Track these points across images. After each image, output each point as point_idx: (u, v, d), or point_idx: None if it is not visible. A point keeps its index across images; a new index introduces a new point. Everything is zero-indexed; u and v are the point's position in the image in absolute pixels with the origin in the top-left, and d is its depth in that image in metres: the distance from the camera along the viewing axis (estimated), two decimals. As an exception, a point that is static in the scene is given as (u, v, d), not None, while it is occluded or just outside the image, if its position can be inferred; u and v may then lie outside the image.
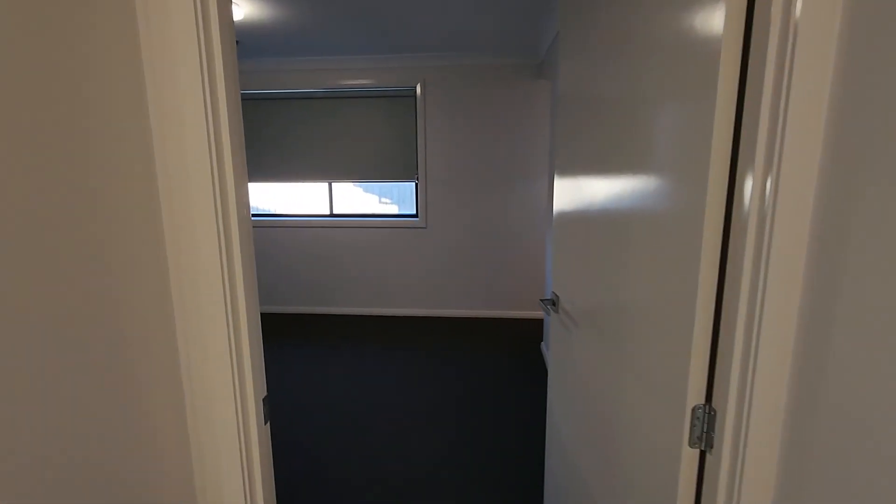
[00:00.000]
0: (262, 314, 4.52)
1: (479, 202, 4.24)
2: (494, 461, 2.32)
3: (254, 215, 4.58)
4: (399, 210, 4.60)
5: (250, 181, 4.41)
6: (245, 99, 4.25)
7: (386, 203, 5.83)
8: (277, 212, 4.66)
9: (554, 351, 1.55)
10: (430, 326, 4.20)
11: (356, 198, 4.75)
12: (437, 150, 4.18)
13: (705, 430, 0.79)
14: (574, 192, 1.32)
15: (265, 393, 0.88)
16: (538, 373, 3.29)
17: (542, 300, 1.51)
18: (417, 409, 2.80)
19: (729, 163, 0.72)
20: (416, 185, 4.33)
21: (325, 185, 4.47)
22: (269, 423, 0.88)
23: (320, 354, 3.60)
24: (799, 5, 0.59)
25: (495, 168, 4.16)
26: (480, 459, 2.34)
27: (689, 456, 0.81)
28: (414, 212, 4.46)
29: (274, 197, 4.71)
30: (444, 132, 4.14)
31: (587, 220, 1.22)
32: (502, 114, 4.06)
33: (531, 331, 4.09)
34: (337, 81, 4.12)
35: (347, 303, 4.56)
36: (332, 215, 4.51)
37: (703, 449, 0.80)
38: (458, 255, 4.36)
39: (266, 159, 4.35)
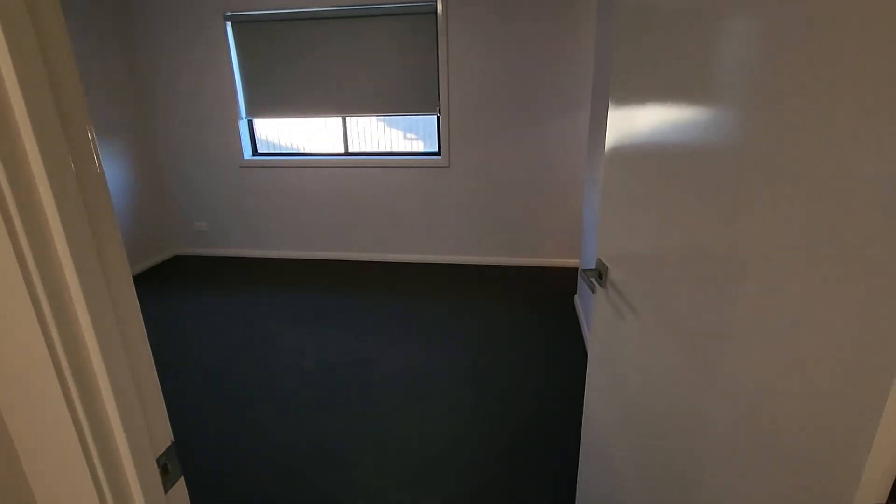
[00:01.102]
0: (268, 259, 4.33)
1: (508, 138, 3.77)
2: (520, 427, 2.08)
3: (261, 154, 4.26)
4: (425, 147, 4.18)
5: (254, 116, 4.05)
6: (241, 22, 3.79)
7: (412, 139, 5.40)
8: (287, 150, 4.32)
9: (597, 333, 1.21)
10: (451, 275, 3.91)
11: (378, 134, 4.34)
12: (461, 78, 3.67)
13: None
14: (640, 123, 0.92)
15: (169, 441, 0.58)
16: (570, 329, 2.98)
17: (584, 270, 1.15)
18: (435, 367, 2.57)
19: None
20: (438, 118, 3.87)
21: (339, 120, 4.07)
22: (179, 483, 0.59)
23: (331, 304, 3.38)
24: None
25: (528, 99, 3.64)
26: (505, 424, 2.10)
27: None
28: (436, 149, 4.03)
29: (283, 134, 4.36)
30: (469, 56, 3.61)
31: (667, 163, 0.83)
32: (537, 34, 3.48)
33: (564, 281, 3.75)
34: (346, -2, 3.60)
35: (362, 248, 4.29)
36: (346, 154, 4.14)
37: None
38: (483, 197, 3.97)
39: (271, 91, 3.95)
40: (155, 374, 0.56)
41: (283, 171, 4.15)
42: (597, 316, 1.20)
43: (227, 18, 3.79)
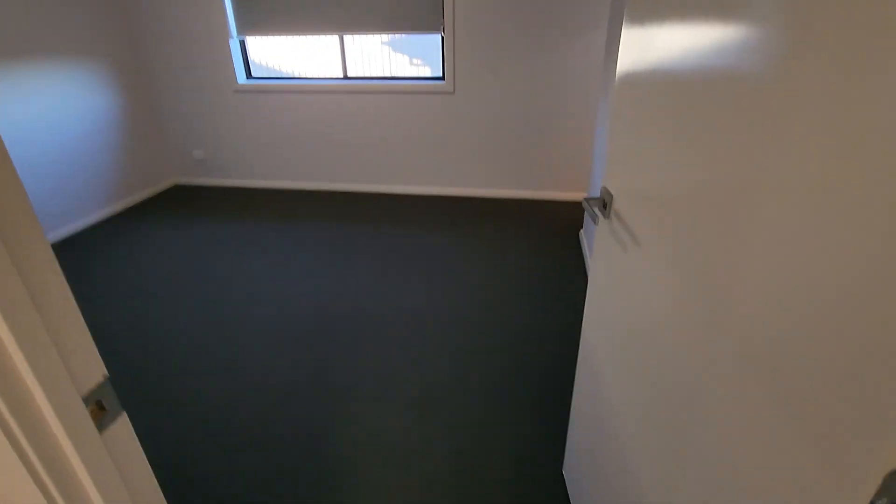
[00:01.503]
0: (267, 189, 4.23)
1: (517, 62, 3.49)
2: (521, 359, 2.07)
3: (255, 78, 4.02)
4: (431, 72, 3.91)
5: (246, 34, 3.78)
6: (230, -75, 3.43)
7: (417, 65, 5.08)
8: (278, 73, 4.08)
9: (597, 264, 1.13)
10: (454, 208, 3.80)
11: (382, 59, 4.06)
12: (468, -8, 3.35)
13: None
14: (656, 45, 0.77)
15: (100, 377, 0.52)
16: (575, 263, 2.91)
17: (586, 199, 1.05)
18: (436, 301, 2.54)
19: None
20: (442, 39, 3.58)
21: (337, 42, 3.79)
22: (120, 419, 0.54)
23: (330, 236, 3.32)
24: None
25: (539, 21, 3.33)
26: (505, 357, 2.09)
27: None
28: (440, 74, 3.78)
29: (279, 57, 4.09)
30: (477, -35, 3.27)
31: (683, 89, 0.70)
32: (552, -64, 3.11)
33: (570, 215, 3.63)
34: None
35: (361, 179, 4.16)
36: (345, 78, 3.90)
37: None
38: (489, 126, 3.76)
39: (263, 6, 3.65)
40: (72, 302, 0.49)
41: (279, 97, 3.94)
42: (598, 247, 1.11)
43: (209, -79, 3.43)
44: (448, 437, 1.73)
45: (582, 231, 3.23)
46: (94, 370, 0.51)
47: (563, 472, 1.57)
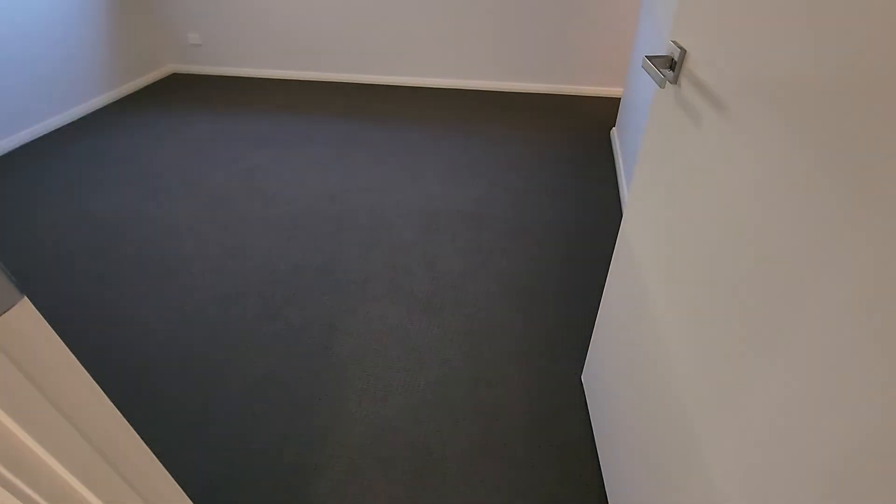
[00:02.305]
0: (267, 80, 3.89)
1: (553, -79, 2.95)
2: (541, 265, 1.94)
3: (254, -55, 3.52)
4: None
5: None
6: None
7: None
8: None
9: (650, 147, 0.92)
10: (473, 102, 3.48)
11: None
12: None
13: None
14: None
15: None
16: (605, 163, 2.66)
17: (649, 57, 0.81)
18: (451, 200, 2.36)
19: None
20: None
21: None
22: (20, 305, 0.40)
23: (337, 130, 3.07)
24: None
25: None
26: (524, 261, 1.96)
27: None
28: (461, -61, 3.24)
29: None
30: None
31: None
32: None
33: (603, 112, 3.29)
34: None
35: (371, 69, 3.79)
36: (352, -55, 3.39)
37: None
38: (513, 9, 3.30)
39: None
40: None
41: (277, -32, 3.47)
42: (654, 123, 0.90)
43: None
44: (463, 336, 1.65)
45: (614, 129, 2.93)
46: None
47: (583, 378, 1.49)
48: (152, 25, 3.89)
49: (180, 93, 3.73)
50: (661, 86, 0.78)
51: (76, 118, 3.31)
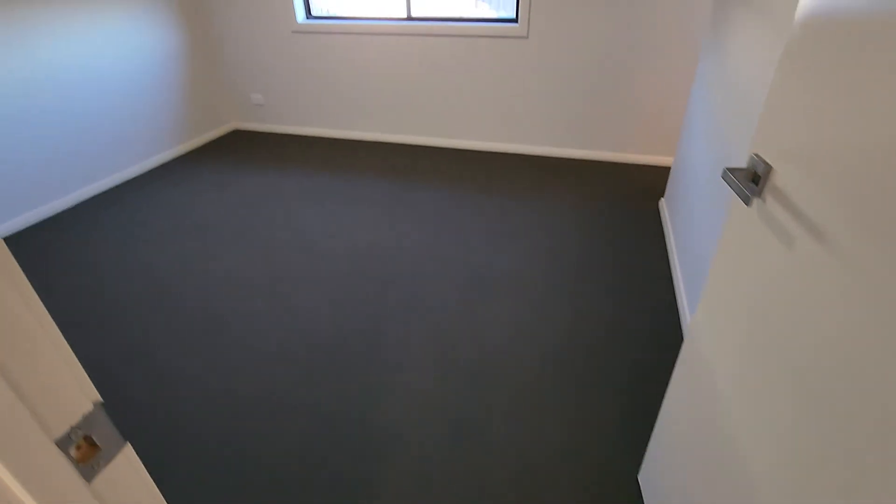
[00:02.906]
0: (324, 138, 4.08)
1: (600, 4, 3.06)
2: (586, 341, 1.87)
3: (315, 17, 3.80)
4: (499, 13, 3.54)
5: (310, -29, 3.53)
6: None
7: (484, 5, 4.68)
8: (339, 14, 3.82)
9: (727, 261, 0.89)
10: (521, 166, 3.52)
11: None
12: (553, -83, 2.92)
13: None
14: None
15: (89, 406, 0.37)
16: (653, 235, 2.61)
17: (730, 170, 0.79)
18: (496, 264, 2.35)
19: None
20: (519, -26, 3.19)
21: (401, -24, 3.47)
22: (122, 455, 0.39)
23: (386, 189, 3.16)
24: None
25: (635, -56, 2.87)
26: (570, 330, 1.90)
27: None
28: (513, 15, 3.40)
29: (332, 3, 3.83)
30: None
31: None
32: None
33: (651, 181, 3.27)
34: None
35: (423, 130, 3.93)
36: (409, 19, 3.61)
37: None
38: (563, 76, 3.39)
39: (326, -62, 3.37)
40: (40, 312, 0.33)
41: (338, 38, 3.72)
42: (734, 235, 0.86)
43: None
44: (509, 417, 1.58)
45: (663, 200, 2.89)
46: (78, 399, 0.36)
47: (640, 478, 1.38)
48: (220, 86, 4.20)
49: (240, 148, 3.96)
50: (747, 203, 0.76)
51: (144, 171, 3.54)
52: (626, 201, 3.00)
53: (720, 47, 2.05)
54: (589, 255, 2.46)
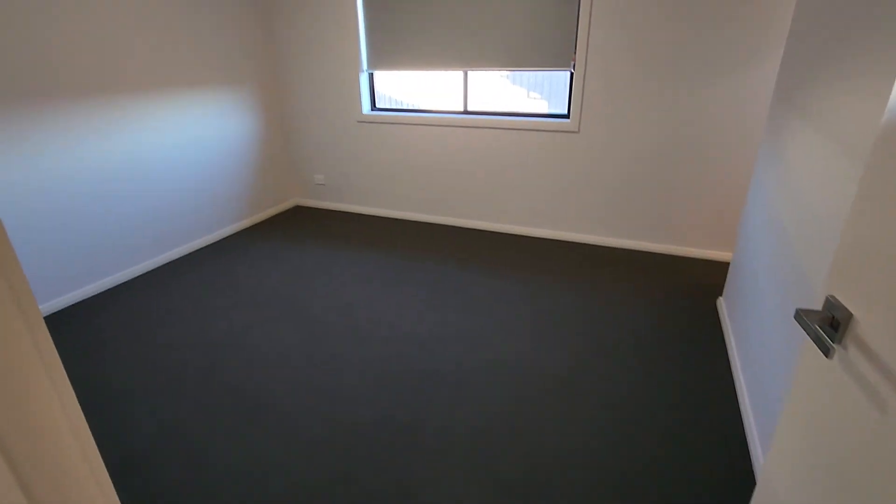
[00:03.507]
0: (381, 217, 4.25)
1: (653, 101, 3.16)
2: (640, 470, 1.73)
3: (379, 109, 4.12)
4: (549, 108, 3.72)
5: (375, 69, 3.90)
6: (373, -34, 3.58)
7: (535, 98, 4.95)
8: (400, 106, 4.13)
9: (803, 408, 0.82)
10: (572, 254, 3.51)
11: (499, 91, 3.97)
12: (604, 30, 3.12)
13: None
14: None
15: None
16: (710, 335, 2.46)
17: (803, 312, 0.75)
18: (546, 361, 2.27)
19: None
20: (572, 75, 3.38)
21: (460, 76, 3.76)
22: None
23: (439, 273, 3.20)
24: None
25: (686, 52, 2.99)
26: (618, 458, 1.76)
27: None
28: (564, 111, 3.56)
29: (402, 88, 4.17)
30: (620, 2, 3.03)
31: None
32: (711, -34, 2.78)
33: (707, 277, 3.15)
34: (480, -67, 3.19)
35: (476, 215, 4.03)
36: (465, 112, 3.84)
37: None
38: (615, 169, 3.44)
39: (393, 43, 3.74)
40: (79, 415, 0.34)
41: (399, 128, 4.00)
42: (809, 379, 0.80)
43: (355, -37, 3.61)
44: (552, 546, 1.44)
45: (721, 299, 2.76)
46: None
47: None
48: (287, 166, 4.55)
49: (300, 224, 4.19)
50: (826, 354, 0.71)
51: (210, 243, 3.79)
52: (681, 296, 2.89)
53: (778, 155, 2.03)
54: (643, 352, 2.35)
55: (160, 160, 3.31)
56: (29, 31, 2.51)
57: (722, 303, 2.71)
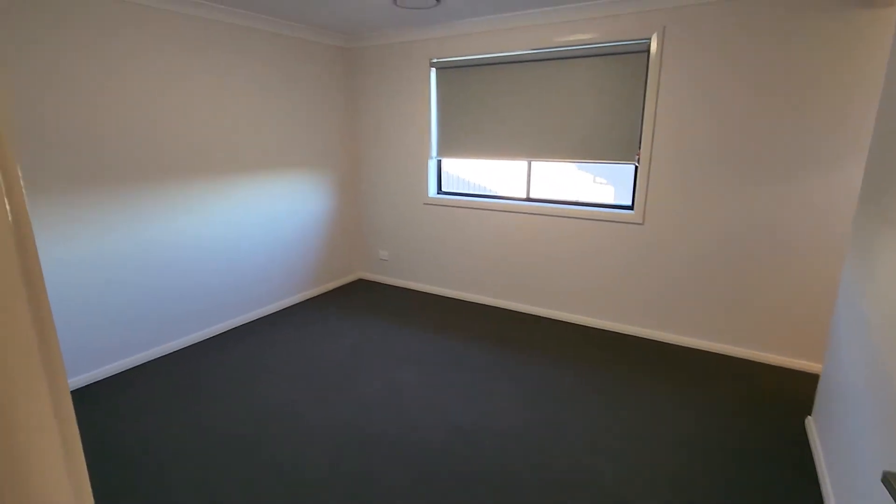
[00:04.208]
0: (440, 296, 4.28)
1: (724, 196, 3.06)
2: None
3: (444, 192, 4.30)
4: (615, 193, 3.71)
5: (444, 156, 4.13)
6: (444, 67, 3.91)
7: (601, 183, 4.98)
8: (465, 191, 4.29)
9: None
10: (633, 350, 3.30)
11: (564, 175, 4.05)
12: (670, 125, 3.14)
13: None
14: None
15: None
16: (797, 461, 2.14)
17: (890, 476, 0.64)
18: (592, 482, 2.07)
19: None
20: (636, 168, 3.37)
21: (524, 162, 3.88)
22: None
23: (494, 357, 3.11)
24: None
25: (760, 147, 2.91)
26: None
27: None
28: (628, 202, 3.52)
29: (468, 173, 4.36)
30: (687, 97, 3.06)
31: None
32: (787, 66, 2.77)
33: (792, 390, 2.82)
34: (545, 39, 3.42)
35: (535, 301, 3.95)
36: (528, 199, 3.91)
37: None
38: (683, 264, 3.29)
39: (463, 132, 3.97)
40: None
41: (463, 212, 4.13)
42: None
43: (432, 65, 3.97)
44: None
45: (810, 418, 2.44)
46: None
47: None
48: (354, 242, 4.80)
49: (361, 297, 4.32)
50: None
51: (270, 312, 3.98)
52: (761, 410, 2.58)
53: (867, 266, 1.85)
54: (719, 485, 2.07)
55: (236, 234, 3.62)
56: (136, 120, 2.95)
57: (812, 423, 2.39)
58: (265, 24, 3.51)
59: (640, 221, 3.37)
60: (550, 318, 3.87)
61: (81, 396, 2.70)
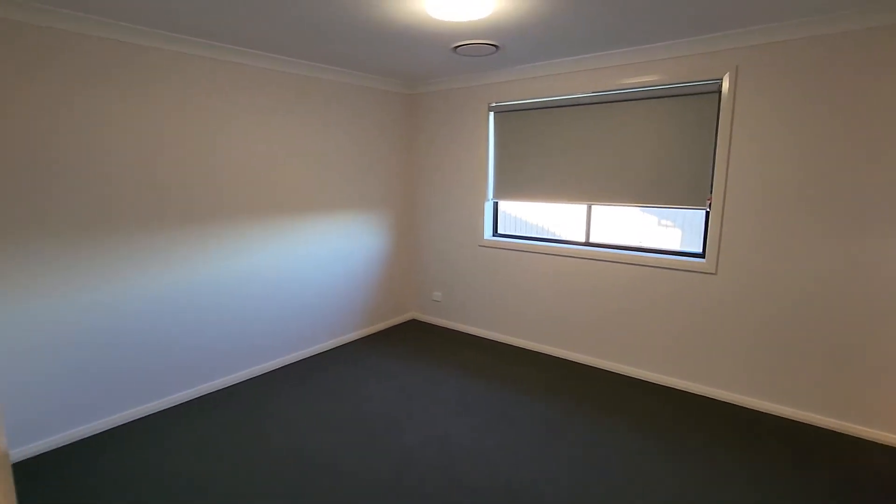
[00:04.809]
0: (493, 341, 4.13)
1: (810, 246, 2.77)
2: None
3: (500, 235, 4.23)
4: (683, 237, 3.48)
5: (500, 198, 4.08)
6: (502, 112, 3.93)
7: (667, 226, 4.73)
8: (523, 232, 4.19)
9: None
10: (704, 413, 2.98)
11: (626, 217, 3.87)
12: (747, 166, 2.92)
13: None
14: None
15: None
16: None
17: None
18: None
19: None
20: (707, 214, 3.15)
21: (584, 206, 3.75)
22: None
23: (545, 409, 2.91)
24: None
25: (845, 193, 2.63)
26: None
27: None
28: (700, 250, 3.28)
29: (525, 214, 4.28)
30: (763, 139, 2.85)
31: None
32: (881, 105, 2.51)
33: (887, 465, 2.41)
34: (607, 82, 3.35)
35: (593, 352, 3.72)
36: (587, 244, 3.76)
37: None
38: (762, 319, 2.97)
39: (520, 175, 3.92)
40: None
41: (519, 255, 4.02)
42: None
43: (490, 109, 4.00)
44: None
45: (930, 513, 2.04)
46: None
47: None
48: (408, 283, 4.80)
49: (412, 339, 4.27)
50: None
51: (321, 351, 4.01)
52: (860, 496, 2.20)
53: None
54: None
55: (293, 272, 3.72)
56: (202, 163, 3.14)
57: (932, 520, 2.00)
58: (334, 75, 3.71)
59: (713, 271, 3.11)
60: (608, 371, 3.61)
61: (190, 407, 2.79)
